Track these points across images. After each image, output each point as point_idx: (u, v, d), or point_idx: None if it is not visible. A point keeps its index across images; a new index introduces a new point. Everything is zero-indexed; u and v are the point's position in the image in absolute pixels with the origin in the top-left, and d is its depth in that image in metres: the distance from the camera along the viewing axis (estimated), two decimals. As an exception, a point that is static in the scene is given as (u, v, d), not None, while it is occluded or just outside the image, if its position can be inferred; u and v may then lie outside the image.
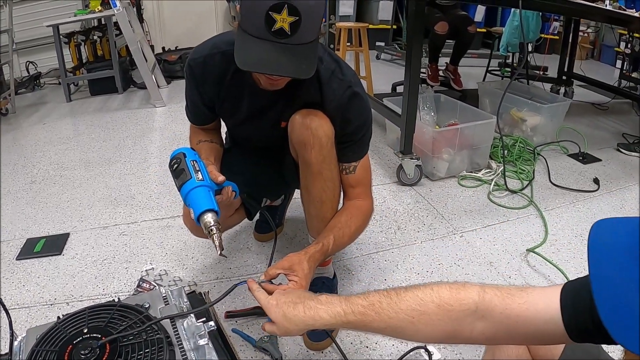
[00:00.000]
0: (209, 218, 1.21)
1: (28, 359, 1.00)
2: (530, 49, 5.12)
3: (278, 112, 1.56)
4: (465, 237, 2.30)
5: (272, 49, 1.20)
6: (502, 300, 0.81)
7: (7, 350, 1.10)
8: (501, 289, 0.83)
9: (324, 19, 1.35)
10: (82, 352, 0.97)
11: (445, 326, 0.85)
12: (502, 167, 2.84)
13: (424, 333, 0.88)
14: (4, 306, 1.13)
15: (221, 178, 1.38)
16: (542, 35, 5.71)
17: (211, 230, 1.20)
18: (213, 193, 1.30)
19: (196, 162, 1.33)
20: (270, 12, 1.15)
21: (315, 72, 1.45)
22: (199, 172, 1.30)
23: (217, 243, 1.20)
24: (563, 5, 2.82)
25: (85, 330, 1.04)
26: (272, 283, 1.27)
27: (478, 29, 4.77)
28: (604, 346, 0.88)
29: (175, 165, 1.33)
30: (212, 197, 1.27)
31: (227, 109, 1.61)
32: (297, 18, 1.17)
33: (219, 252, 1.20)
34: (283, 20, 1.16)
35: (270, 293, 1.13)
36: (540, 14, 4.62)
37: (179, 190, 1.30)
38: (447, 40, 4.37)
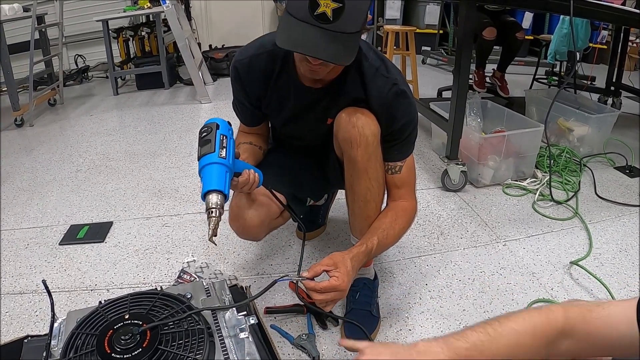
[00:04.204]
0: (214, 199, 1.20)
1: (68, 341, 1.01)
2: (578, 57, 5.00)
3: (323, 109, 1.55)
4: (509, 246, 2.25)
5: (312, 32, 1.20)
6: (582, 317, 0.84)
7: (46, 331, 1.11)
8: (581, 306, 0.86)
9: (370, 16, 1.33)
10: (123, 337, 0.98)
11: (540, 353, 0.88)
12: (548, 177, 2.77)
13: None
14: (47, 288, 1.14)
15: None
16: (591, 45, 5.58)
17: (211, 211, 1.19)
18: (230, 175, 1.27)
19: (226, 137, 1.30)
20: None
21: (359, 69, 1.44)
22: (224, 150, 1.26)
23: (211, 226, 1.19)
24: (614, 13, 2.74)
25: (127, 317, 1.04)
26: (314, 280, 1.26)
27: (526, 36, 4.67)
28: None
29: (205, 134, 1.29)
30: (226, 178, 1.25)
31: (274, 107, 1.61)
32: (341, 5, 1.16)
33: (209, 237, 1.19)
34: (326, 5, 1.16)
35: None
36: (590, 22, 4.51)
37: (198, 160, 1.26)
38: (494, 46, 4.31)
